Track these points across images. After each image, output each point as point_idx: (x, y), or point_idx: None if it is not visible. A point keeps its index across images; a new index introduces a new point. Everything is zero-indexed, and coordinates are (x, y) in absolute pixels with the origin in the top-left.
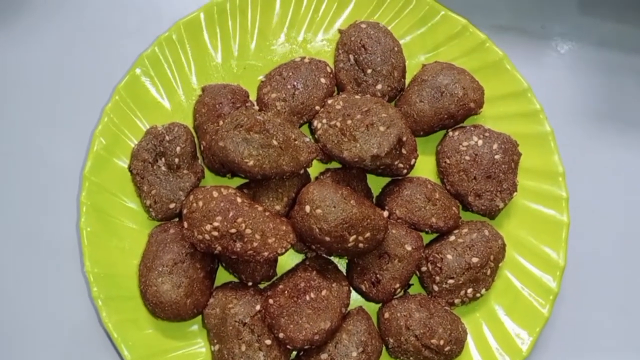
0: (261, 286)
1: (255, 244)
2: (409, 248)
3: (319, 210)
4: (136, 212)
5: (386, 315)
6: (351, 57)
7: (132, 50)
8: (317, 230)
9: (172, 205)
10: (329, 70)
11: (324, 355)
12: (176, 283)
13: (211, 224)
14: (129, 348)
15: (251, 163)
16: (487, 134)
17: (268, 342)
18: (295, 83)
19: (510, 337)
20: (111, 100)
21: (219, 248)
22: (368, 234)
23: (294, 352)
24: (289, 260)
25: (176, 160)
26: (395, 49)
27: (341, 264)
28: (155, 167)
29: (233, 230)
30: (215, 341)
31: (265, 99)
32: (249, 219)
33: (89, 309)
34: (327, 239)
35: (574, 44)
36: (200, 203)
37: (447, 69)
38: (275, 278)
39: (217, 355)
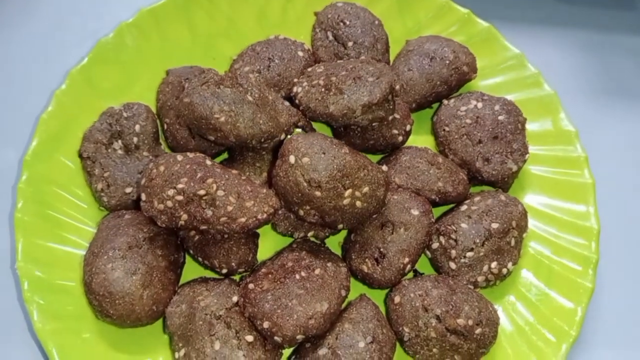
0: (237, 279)
1: (230, 208)
2: (415, 212)
3: (306, 159)
4: (84, 203)
5: (397, 299)
6: (329, 33)
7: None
8: (304, 183)
9: (128, 190)
10: (306, 47)
11: (322, 351)
12: (130, 269)
13: (175, 187)
14: None
15: (223, 119)
16: (485, 97)
17: (249, 338)
18: (270, 56)
19: (552, 319)
20: (63, 84)
21: (185, 217)
22: (366, 189)
23: (284, 357)
24: (271, 250)
25: (135, 139)
26: (376, 22)
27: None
28: (109, 150)
29: (202, 192)
30: (180, 345)
31: (237, 74)
32: (222, 180)
33: (17, 314)
34: (318, 193)
35: (555, 28)
36: (162, 168)
37: (432, 38)
38: (255, 266)
39: None
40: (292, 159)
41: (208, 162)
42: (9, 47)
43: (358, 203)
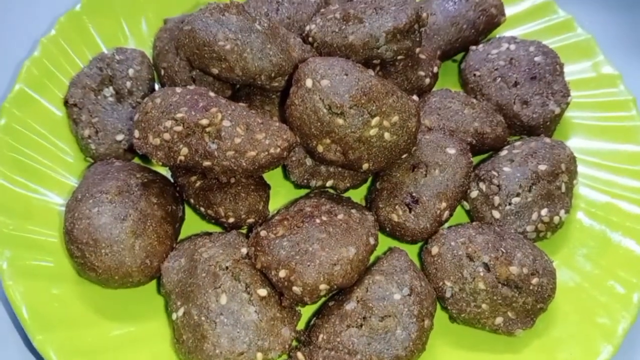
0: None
1: (237, 140)
2: (451, 151)
3: (325, 82)
4: (68, 156)
5: (434, 250)
6: None
7: None
8: (324, 110)
9: (119, 137)
10: None
11: (350, 305)
12: (120, 215)
13: (173, 117)
14: (43, 328)
15: (228, 47)
16: (518, 41)
17: (262, 292)
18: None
19: (616, 272)
20: (52, 31)
21: (185, 151)
22: (395, 118)
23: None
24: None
25: (128, 84)
26: None
27: None
28: (99, 97)
29: (205, 122)
30: (179, 303)
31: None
32: (228, 110)
33: None
34: (340, 121)
35: None
36: (158, 100)
37: None
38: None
39: (181, 323)
40: (309, 82)
41: (211, 93)
42: None
43: (387, 135)
